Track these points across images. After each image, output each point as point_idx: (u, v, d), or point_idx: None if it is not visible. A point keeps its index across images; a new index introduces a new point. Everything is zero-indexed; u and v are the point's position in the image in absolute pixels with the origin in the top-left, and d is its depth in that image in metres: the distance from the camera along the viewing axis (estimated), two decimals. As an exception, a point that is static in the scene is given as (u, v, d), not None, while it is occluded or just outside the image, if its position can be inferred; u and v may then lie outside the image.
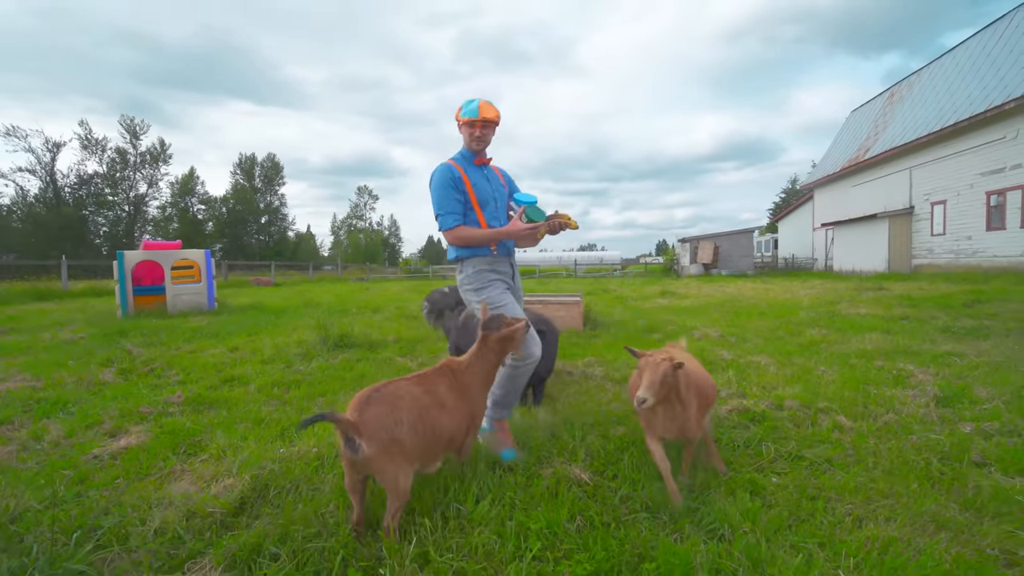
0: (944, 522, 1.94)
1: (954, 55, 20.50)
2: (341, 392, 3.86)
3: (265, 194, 68.69)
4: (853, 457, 2.54)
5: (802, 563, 1.67)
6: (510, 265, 2.78)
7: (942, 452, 2.54)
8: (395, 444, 1.77)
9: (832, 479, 2.30)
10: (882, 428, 2.91)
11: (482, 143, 2.66)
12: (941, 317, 7.17)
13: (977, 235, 17.13)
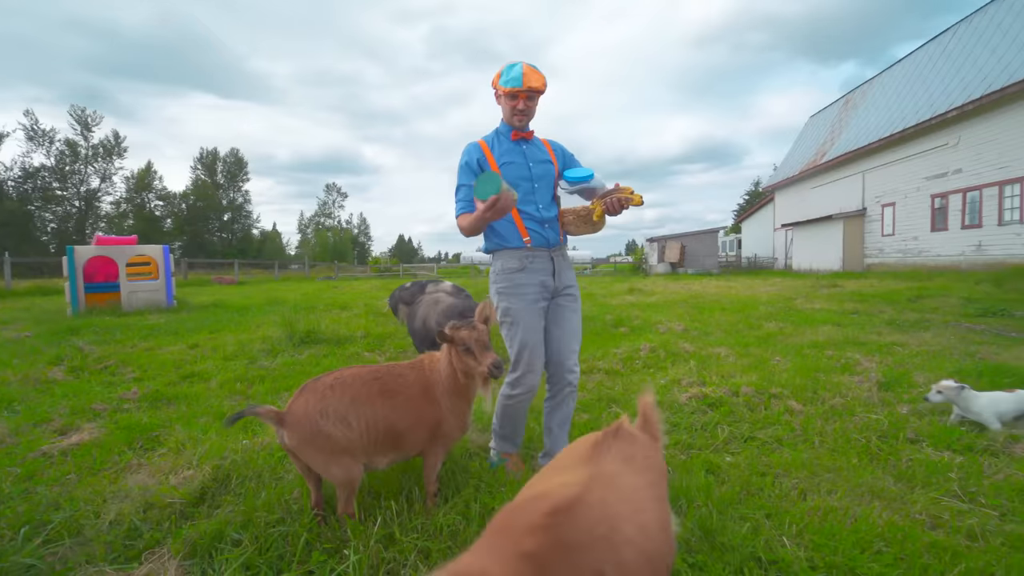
0: (879, 492, 2.09)
1: (903, 65, 21.65)
2: (307, 386, 3.81)
3: (228, 190, 66.47)
4: (801, 437, 2.69)
5: (750, 531, 1.77)
6: (551, 260, 2.23)
7: (881, 431, 2.72)
8: (320, 435, 1.69)
9: (781, 457, 2.43)
10: (829, 411, 3.08)
11: (525, 116, 2.20)
12: (888, 311, 7.60)
13: (923, 235, 18.14)
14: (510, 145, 2.25)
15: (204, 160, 65.18)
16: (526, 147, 2.27)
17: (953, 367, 3.95)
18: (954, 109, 15.98)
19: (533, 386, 2.19)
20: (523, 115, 2.20)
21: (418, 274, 34.90)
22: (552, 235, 2.22)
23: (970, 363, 4.08)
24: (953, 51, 18.06)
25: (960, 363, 4.11)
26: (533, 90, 2.15)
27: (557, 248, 2.26)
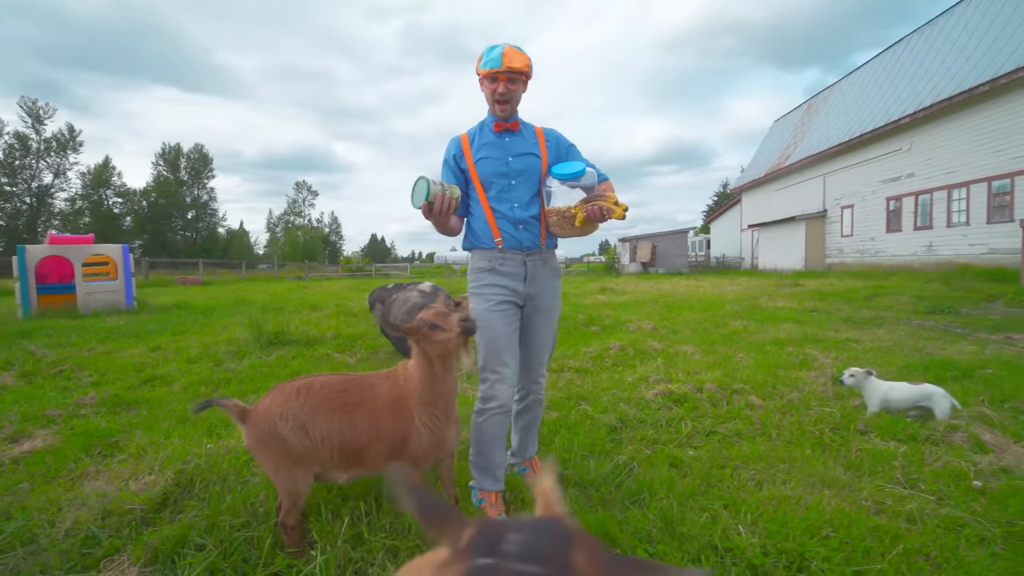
0: (829, 481, 2.20)
1: (861, 72, 22.59)
2: (275, 388, 3.75)
3: (192, 187, 64.27)
4: (760, 430, 2.81)
5: (708, 521, 1.85)
6: (523, 265, 2.03)
7: (834, 423, 2.86)
8: (276, 440, 1.64)
9: (740, 450, 2.53)
10: (786, 405, 3.22)
11: (507, 103, 1.97)
12: (845, 309, 7.94)
13: (879, 236, 18.99)
14: (491, 137, 2.05)
15: (167, 156, 62.86)
16: (509, 139, 2.05)
17: (902, 362, 4.18)
18: (907, 116, 16.77)
19: (505, 400, 1.95)
20: (504, 101, 1.96)
21: (391, 274, 34.51)
22: (528, 237, 2.01)
23: (917, 358, 4.32)
24: (906, 61, 18.95)
25: (908, 358, 4.35)
26: (514, 71, 1.92)
27: (534, 252, 2.04)
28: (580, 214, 1.89)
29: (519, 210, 2.01)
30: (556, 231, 2.03)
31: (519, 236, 2.01)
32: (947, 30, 17.17)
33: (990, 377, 3.65)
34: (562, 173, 1.97)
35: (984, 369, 3.88)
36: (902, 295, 9.30)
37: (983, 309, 7.81)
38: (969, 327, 6.09)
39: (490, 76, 1.95)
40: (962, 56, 15.62)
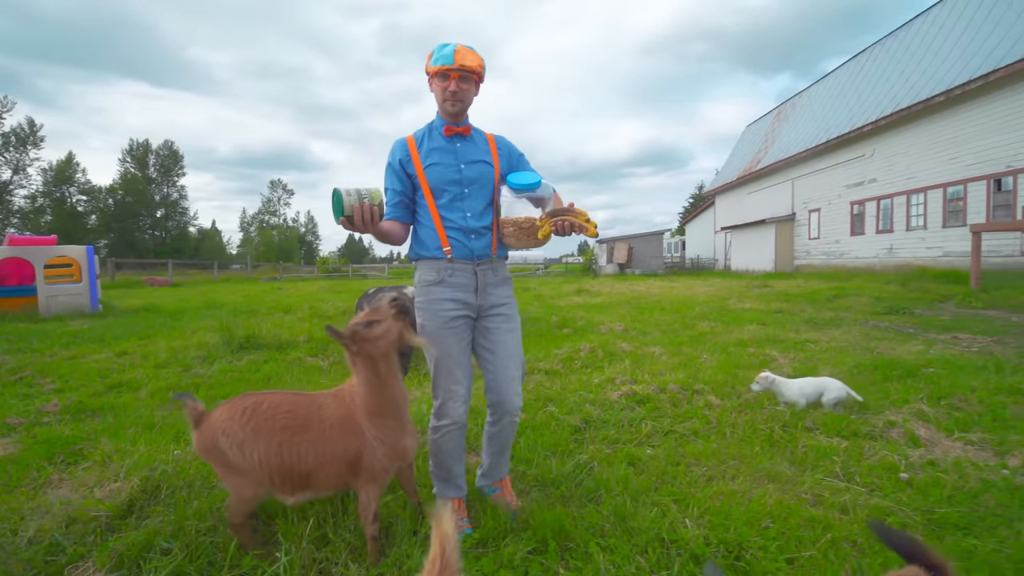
0: (774, 475, 2.35)
1: (828, 81, 23.38)
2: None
3: (161, 185, 62.53)
4: (715, 428, 2.96)
5: (658, 515, 1.97)
6: (474, 275, 1.95)
7: (784, 421, 3.02)
8: (216, 452, 1.69)
9: (695, 447, 2.67)
10: (743, 404, 3.38)
11: (458, 102, 1.90)
12: (808, 310, 8.26)
13: (843, 239, 19.70)
14: (441, 142, 1.95)
15: (134, 152, 61.00)
16: (460, 144, 1.96)
17: (853, 362, 4.41)
18: (869, 124, 17.46)
19: (458, 417, 1.91)
20: (456, 99, 1.88)
21: (368, 275, 34.17)
22: (480, 246, 1.93)
23: (868, 358, 4.55)
24: (869, 71, 19.71)
25: (860, 358, 4.58)
26: (466, 69, 1.84)
27: (484, 261, 1.96)
28: (546, 227, 1.84)
29: (472, 219, 1.93)
30: (510, 242, 1.95)
31: (471, 245, 1.92)
32: (906, 42, 17.93)
33: (931, 376, 3.89)
34: (519, 184, 1.90)
35: (927, 368, 4.12)
36: (862, 296, 9.70)
37: (935, 310, 8.22)
38: (921, 327, 6.42)
39: (441, 74, 1.86)
40: (919, 68, 16.35)
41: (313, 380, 4.25)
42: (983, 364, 4.17)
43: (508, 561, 1.71)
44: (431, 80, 1.92)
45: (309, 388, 3.96)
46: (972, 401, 3.28)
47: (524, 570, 1.69)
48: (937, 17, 16.70)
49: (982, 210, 13.79)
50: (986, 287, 9.67)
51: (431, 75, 1.90)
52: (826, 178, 20.73)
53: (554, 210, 1.86)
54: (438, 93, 1.92)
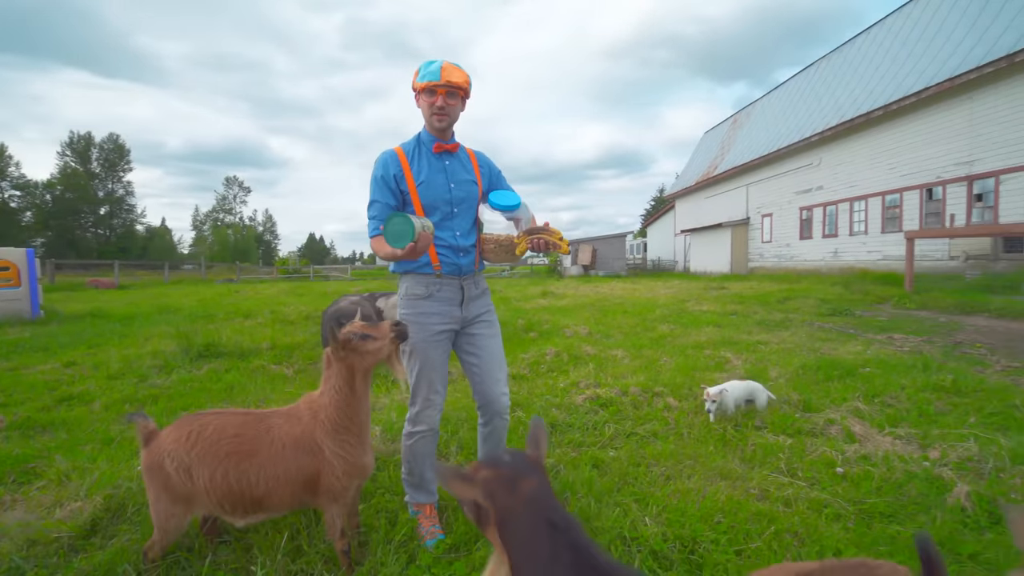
0: (726, 473, 2.53)
1: (779, 91, 24.56)
2: (208, 404, 3.68)
3: (105, 180, 59.10)
4: (673, 430, 3.14)
5: (620, 515, 2.10)
6: (460, 289, 2.03)
7: (736, 421, 3.24)
8: (160, 474, 1.63)
9: (655, 448, 2.83)
10: (699, 406, 3.58)
11: (445, 118, 1.94)
12: (760, 312, 8.71)
13: (794, 243, 20.76)
14: (431, 160, 1.99)
15: (75, 145, 57.42)
16: (449, 162, 2.02)
17: (799, 362, 4.71)
18: (817, 134, 18.48)
19: (433, 424, 2.02)
20: (443, 114, 1.93)
21: (330, 276, 33.41)
22: (466, 263, 2.02)
23: (812, 358, 4.88)
24: (816, 83, 20.85)
25: (805, 358, 4.91)
26: (453, 85, 1.89)
27: (469, 276, 2.05)
28: (523, 244, 1.95)
29: (461, 238, 2.01)
30: (490, 257, 2.07)
31: (459, 262, 2.00)
32: (850, 58, 19.08)
33: (867, 375, 4.22)
34: (500, 204, 2.04)
35: (864, 368, 4.47)
36: (809, 298, 10.29)
37: (874, 311, 8.83)
38: (860, 328, 6.90)
39: (428, 89, 1.90)
40: (861, 83, 17.43)
41: (278, 388, 4.20)
42: (913, 363, 4.55)
43: (480, 564, 1.80)
44: (418, 96, 1.97)
45: (274, 397, 3.92)
46: (902, 398, 3.59)
47: (495, 572, 1.78)
48: (876, 36, 17.86)
49: (916, 217, 14.85)
50: (919, 289, 10.44)
51: (418, 91, 1.95)
52: (777, 185, 21.78)
53: (531, 228, 1.97)
54: (425, 109, 1.96)
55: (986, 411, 3.28)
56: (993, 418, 3.19)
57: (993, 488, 2.26)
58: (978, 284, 10.77)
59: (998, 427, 3.05)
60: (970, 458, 2.58)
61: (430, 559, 1.82)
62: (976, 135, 12.99)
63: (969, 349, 5.37)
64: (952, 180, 13.67)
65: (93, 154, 58.32)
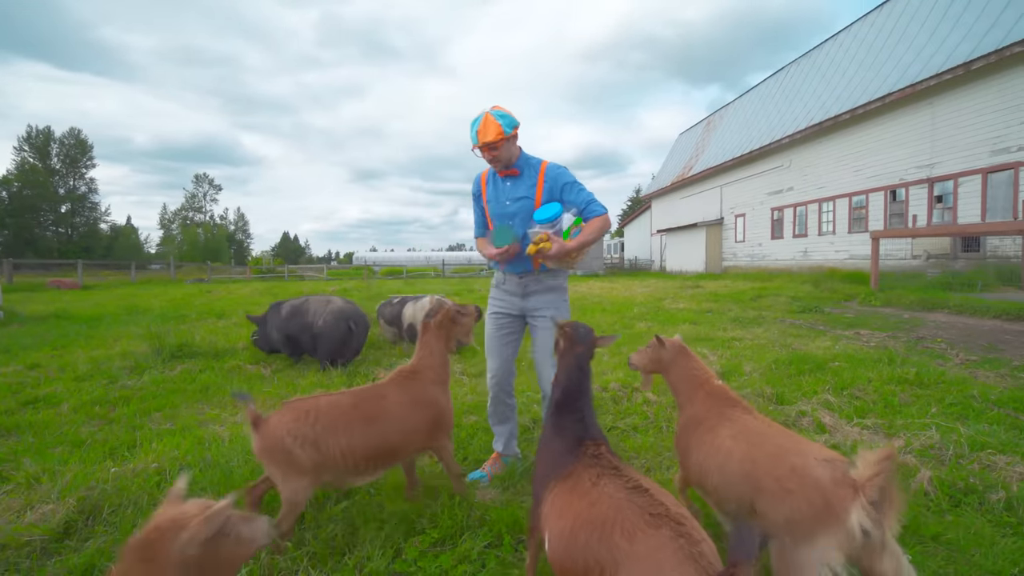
0: (704, 464, 2.60)
1: (751, 95, 25.18)
2: (183, 405, 3.59)
3: (67, 177, 56.74)
4: (653, 423, 3.20)
5: (603, 506, 2.14)
6: (521, 285, 2.52)
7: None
8: (279, 451, 1.79)
9: (635, 442, 2.89)
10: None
11: (497, 163, 2.38)
12: (734, 309, 8.93)
13: (765, 243, 21.33)
14: (496, 183, 2.50)
15: (33, 140, 54.96)
16: (510, 184, 2.46)
17: (772, 357, 4.86)
18: (787, 137, 19.02)
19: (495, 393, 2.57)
20: (495, 161, 2.38)
21: (306, 276, 32.83)
22: (519, 264, 2.47)
23: (784, 353, 5.04)
24: (787, 87, 21.46)
25: (778, 353, 5.06)
26: (488, 144, 2.28)
27: (528, 274, 2.50)
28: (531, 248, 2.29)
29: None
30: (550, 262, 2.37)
31: (514, 262, 2.48)
32: (818, 63, 19.69)
33: (836, 369, 4.39)
34: (538, 219, 2.35)
35: (833, 362, 4.63)
36: (781, 296, 10.60)
37: (842, 308, 9.15)
38: (829, 324, 7.14)
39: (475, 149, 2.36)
40: (829, 87, 18.01)
41: (256, 388, 4.12)
42: (879, 357, 4.74)
43: (466, 556, 1.82)
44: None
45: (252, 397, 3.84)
46: (869, 391, 3.74)
47: (481, 563, 1.80)
48: (844, 42, 18.48)
49: (880, 218, 15.44)
50: (883, 287, 10.86)
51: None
52: (750, 186, 22.34)
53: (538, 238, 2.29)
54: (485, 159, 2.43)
55: (946, 402, 3.45)
56: (953, 408, 3.35)
57: (953, 473, 2.39)
58: (938, 282, 11.26)
59: (957, 416, 3.21)
60: (932, 446, 2.71)
61: (416, 553, 1.84)
62: (937, 139, 13.57)
63: (930, 344, 5.62)
64: (914, 182, 14.25)
65: (53, 149, 55.93)
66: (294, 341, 4.88)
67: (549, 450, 1.53)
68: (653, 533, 1.08)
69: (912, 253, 14.35)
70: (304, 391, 4.01)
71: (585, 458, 1.40)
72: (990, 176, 12.27)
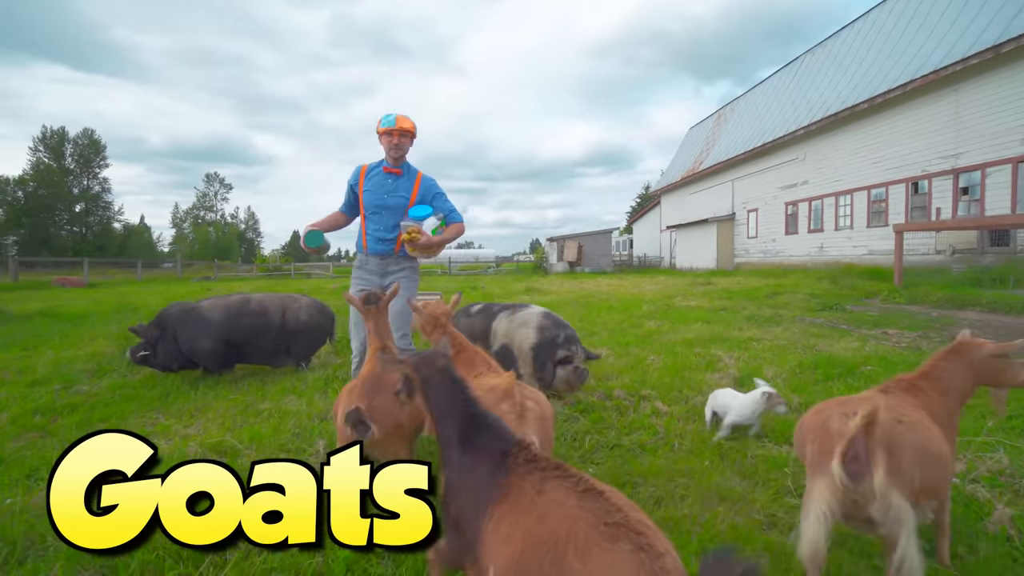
0: (725, 493, 2.16)
1: (763, 87, 24.46)
2: (134, 415, 3.22)
3: (81, 177, 57.21)
4: (663, 440, 2.76)
5: (600, 554, 1.71)
6: (382, 266, 2.99)
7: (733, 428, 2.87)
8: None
9: (642, 464, 2.45)
10: (691, 410, 3.22)
11: (399, 151, 2.89)
12: (749, 307, 8.42)
13: (779, 238, 20.66)
14: (379, 176, 2.94)
15: (48, 141, 55.46)
16: (391, 181, 2.94)
17: (795, 360, 4.39)
18: (801, 128, 18.35)
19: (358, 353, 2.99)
20: (397, 149, 2.88)
21: (312, 274, 32.63)
22: (385, 248, 2.97)
23: (808, 356, 4.56)
24: (801, 78, 20.75)
25: (801, 356, 4.59)
26: (404, 130, 2.87)
27: (389, 256, 3.01)
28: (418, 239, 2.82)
29: (384, 231, 2.97)
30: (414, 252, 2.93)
31: (376, 248, 2.98)
32: (834, 52, 18.98)
33: (869, 373, 3.91)
34: (413, 216, 2.92)
35: (864, 366, 4.15)
36: (798, 293, 10.06)
37: (864, 306, 8.61)
38: (852, 323, 6.63)
39: (387, 132, 2.87)
40: (845, 76, 17.32)
41: (222, 395, 3.73)
42: (914, 360, 4.25)
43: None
44: (380, 136, 2.92)
45: (214, 405, 3.46)
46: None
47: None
48: (861, 29, 17.77)
49: (901, 211, 14.77)
50: (907, 283, 10.27)
51: (380, 133, 2.90)
52: (763, 180, 21.67)
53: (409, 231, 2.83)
54: (385, 145, 2.92)
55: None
56: (1013, 422, 2.87)
57: (1036, 509, 1.93)
58: (965, 278, 10.63)
59: (1021, 432, 2.74)
60: (1001, 471, 2.25)
61: None
62: (962, 128, 12.90)
63: (969, 344, 5.10)
64: (938, 173, 13.59)
65: (67, 150, 56.39)
66: (238, 348, 4.20)
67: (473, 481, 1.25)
68: (610, 548, 0.96)
69: (936, 248, 13.68)
70: (275, 397, 3.62)
71: (519, 466, 1.20)
72: (1021, 166, 11.59)
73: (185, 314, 4.06)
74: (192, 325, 4.00)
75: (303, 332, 4.36)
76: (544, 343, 3.39)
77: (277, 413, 3.23)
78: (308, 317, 4.38)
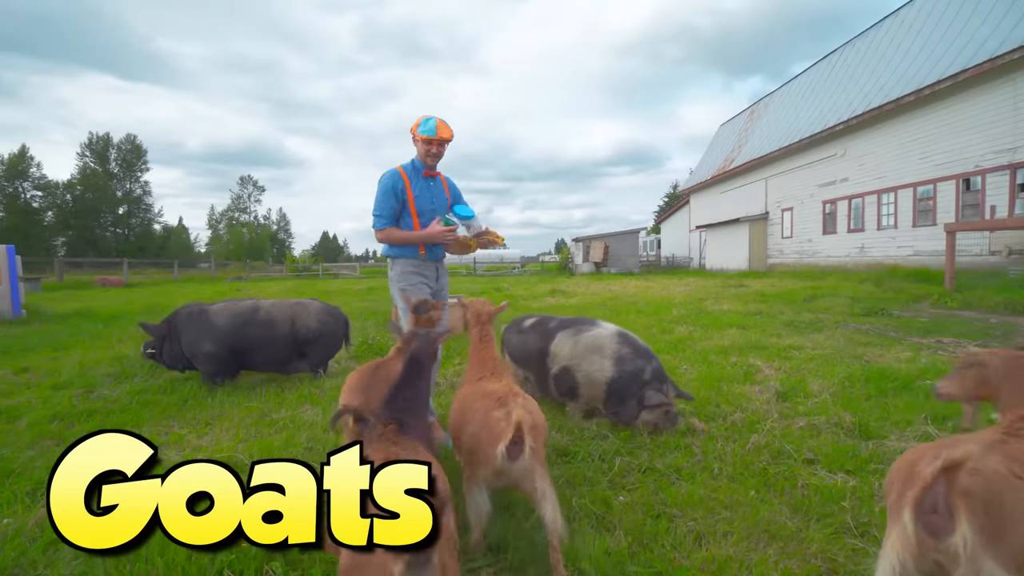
0: (776, 531, 1.91)
1: (799, 81, 23.53)
2: (148, 423, 3.15)
3: (124, 180, 59.70)
4: (700, 463, 2.51)
5: (634, 605, 1.50)
6: (435, 269, 3.02)
7: (779, 451, 2.61)
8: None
9: (678, 492, 2.21)
10: (730, 428, 2.96)
11: (436, 159, 2.89)
12: (786, 312, 7.99)
13: (816, 238, 19.80)
14: (422, 180, 2.93)
15: (94, 146, 58.05)
16: (432, 184, 2.98)
17: (843, 372, 4.05)
18: (841, 123, 17.51)
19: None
20: (435, 157, 2.89)
21: (340, 274, 33.09)
22: (438, 251, 3.00)
23: (857, 367, 4.21)
24: (840, 71, 19.84)
25: (849, 367, 4.24)
26: (444, 140, 2.84)
27: (440, 260, 3.08)
28: (474, 244, 2.98)
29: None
30: (452, 250, 3.00)
31: (436, 250, 2.98)
32: (876, 43, 18.06)
33: (929, 389, 3.55)
34: (461, 214, 3.02)
35: (922, 379, 3.79)
36: (838, 296, 9.51)
37: (912, 311, 8.06)
38: (901, 330, 6.17)
39: (426, 140, 2.81)
40: (889, 67, 16.44)
41: (239, 402, 3.65)
42: (979, 374, 3.85)
43: None
44: (415, 140, 2.86)
45: (227, 414, 3.38)
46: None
47: None
48: (906, 18, 16.84)
49: (951, 209, 13.89)
50: (959, 287, 9.61)
51: (418, 139, 2.83)
52: (798, 177, 20.82)
53: (479, 232, 3.00)
54: (422, 150, 2.86)
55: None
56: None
57: None
58: (1023, 281, 9.89)
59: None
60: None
61: None
62: (1020, 120, 12.02)
63: (1039, 356, 4.64)
64: (993, 169, 12.71)
65: (111, 154, 58.90)
66: (241, 356, 4.06)
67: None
68: None
69: (990, 248, 12.80)
70: (292, 406, 3.52)
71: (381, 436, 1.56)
72: (1088, 160, 10.71)
73: (191, 316, 4.01)
74: (196, 328, 3.93)
75: (315, 340, 4.24)
76: (625, 379, 2.92)
77: (292, 423, 3.12)
78: (319, 324, 4.26)
